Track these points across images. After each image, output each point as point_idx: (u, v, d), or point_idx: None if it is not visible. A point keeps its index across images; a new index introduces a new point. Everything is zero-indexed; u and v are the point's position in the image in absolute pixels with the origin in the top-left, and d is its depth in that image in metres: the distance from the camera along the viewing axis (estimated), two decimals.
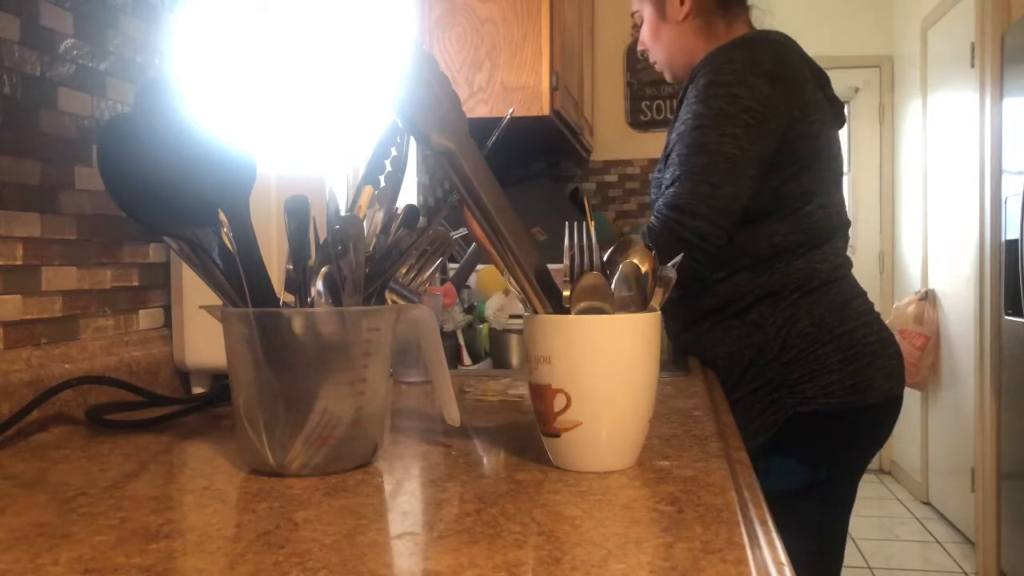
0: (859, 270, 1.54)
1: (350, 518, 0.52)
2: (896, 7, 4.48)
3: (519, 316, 1.47)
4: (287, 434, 0.62)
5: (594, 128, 3.32)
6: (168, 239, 0.64)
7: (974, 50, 3.32)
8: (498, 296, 1.54)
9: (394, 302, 0.86)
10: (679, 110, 1.40)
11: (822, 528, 1.39)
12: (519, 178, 3.21)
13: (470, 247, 1.55)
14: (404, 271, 0.90)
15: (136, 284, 1.01)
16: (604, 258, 0.67)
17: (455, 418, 0.72)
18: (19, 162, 0.83)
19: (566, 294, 0.63)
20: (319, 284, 0.64)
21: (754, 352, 1.36)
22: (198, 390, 1.04)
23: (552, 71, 2.18)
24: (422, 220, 0.74)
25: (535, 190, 2.83)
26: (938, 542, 3.56)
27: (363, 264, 0.64)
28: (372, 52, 1.69)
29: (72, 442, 0.77)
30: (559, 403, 0.62)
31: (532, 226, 2.31)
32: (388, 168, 0.72)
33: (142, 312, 1.02)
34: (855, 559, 3.33)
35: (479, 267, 1.68)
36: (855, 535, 3.56)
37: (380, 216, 0.71)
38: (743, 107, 1.30)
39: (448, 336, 1.48)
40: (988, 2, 3.17)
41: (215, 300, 0.66)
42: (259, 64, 1.24)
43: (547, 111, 2.19)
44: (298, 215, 0.65)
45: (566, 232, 0.65)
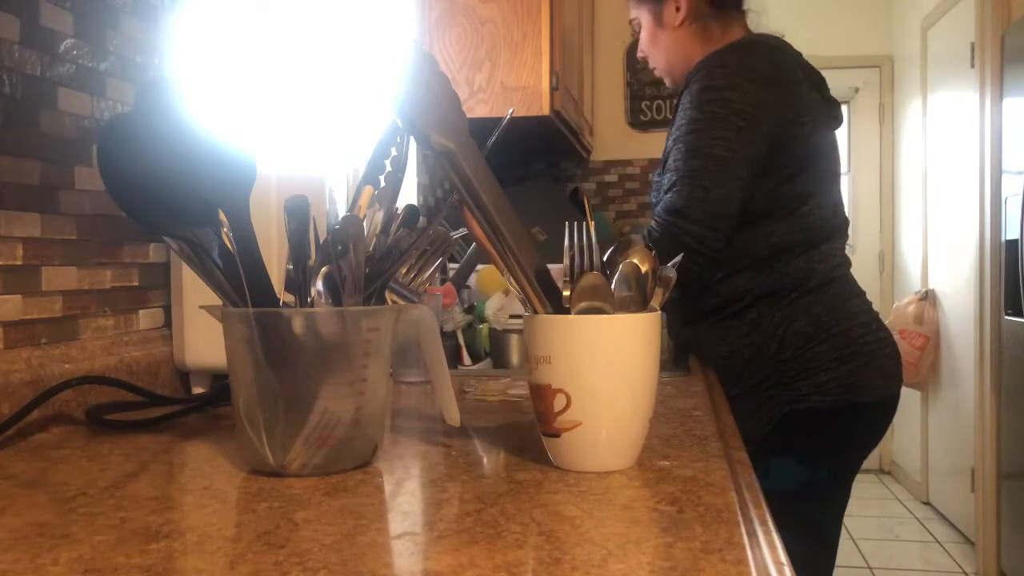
0: (859, 270, 1.55)
1: (350, 518, 0.52)
2: (896, 7, 4.48)
3: (519, 316, 1.47)
4: (287, 434, 0.62)
5: (594, 128, 3.32)
6: (168, 239, 0.64)
7: (974, 50, 3.32)
8: (498, 296, 1.54)
9: (394, 302, 0.85)
10: (676, 115, 1.42)
11: (820, 528, 1.40)
12: (519, 178, 3.21)
13: (470, 247, 1.55)
14: (404, 271, 0.90)
15: (136, 284, 1.01)
16: (604, 258, 0.67)
17: (455, 418, 0.72)
18: (19, 162, 0.83)
19: (566, 294, 0.63)
20: (319, 284, 0.64)
21: (753, 350, 1.37)
22: (198, 390, 1.04)
23: (552, 71, 2.18)
24: (422, 220, 0.74)
25: (535, 190, 2.83)
26: (938, 542, 3.56)
27: (363, 264, 0.64)
28: (372, 52, 1.69)
29: (72, 442, 0.77)
30: (559, 403, 0.62)
31: (532, 226, 2.31)
32: (388, 168, 0.72)
33: (142, 312, 1.02)
34: (855, 559, 3.33)
35: (479, 267, 1.68)
36: (855, 535, 3.56)
37: (380, 216, 0.71)
38: (735, 110, 1.32)
39: (448, 336, 1.48)
40: (988, 2, 3.17)
41: (215, 300, 0.66)
42: (259, 64, 1.24)
43: (547, 111, 2.19)
44: (298, 215, 0.65)
45: (566, 232, 0.65)
